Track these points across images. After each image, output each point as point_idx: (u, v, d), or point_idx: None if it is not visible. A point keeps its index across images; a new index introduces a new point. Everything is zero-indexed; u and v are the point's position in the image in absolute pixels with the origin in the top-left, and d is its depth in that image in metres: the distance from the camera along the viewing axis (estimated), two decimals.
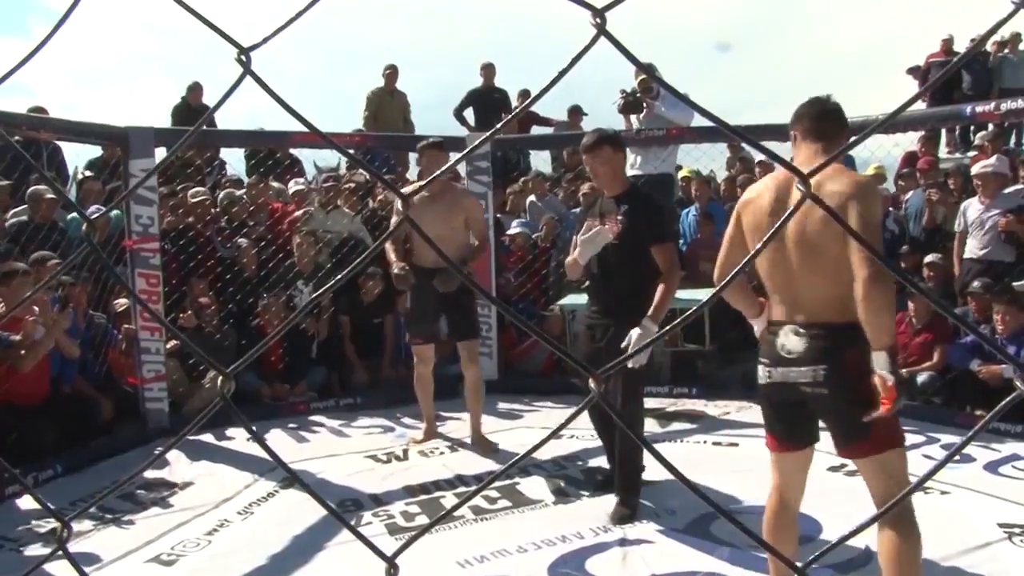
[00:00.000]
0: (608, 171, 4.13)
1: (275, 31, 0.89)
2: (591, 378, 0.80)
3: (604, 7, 0.69)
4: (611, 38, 0.69)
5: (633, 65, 0.74)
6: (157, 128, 6.31)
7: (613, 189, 4.15)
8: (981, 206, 6.55)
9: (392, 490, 4.64)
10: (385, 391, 6.90)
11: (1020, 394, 0.76)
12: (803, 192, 0.77)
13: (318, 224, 7.60)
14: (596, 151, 4.11)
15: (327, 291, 1.05)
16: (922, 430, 5.50)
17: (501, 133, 6.42)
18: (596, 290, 4.24)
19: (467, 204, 5.27)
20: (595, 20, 0.69)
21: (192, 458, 5.27)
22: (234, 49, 0.89)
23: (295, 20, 0.88)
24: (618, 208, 4.08)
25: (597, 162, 4.13)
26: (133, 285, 5.85)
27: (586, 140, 4.19)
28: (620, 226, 4.02)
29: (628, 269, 4.05)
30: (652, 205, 4.16)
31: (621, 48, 0.71)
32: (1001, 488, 4.40)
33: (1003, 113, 5.97)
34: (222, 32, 0.90)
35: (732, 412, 6.13)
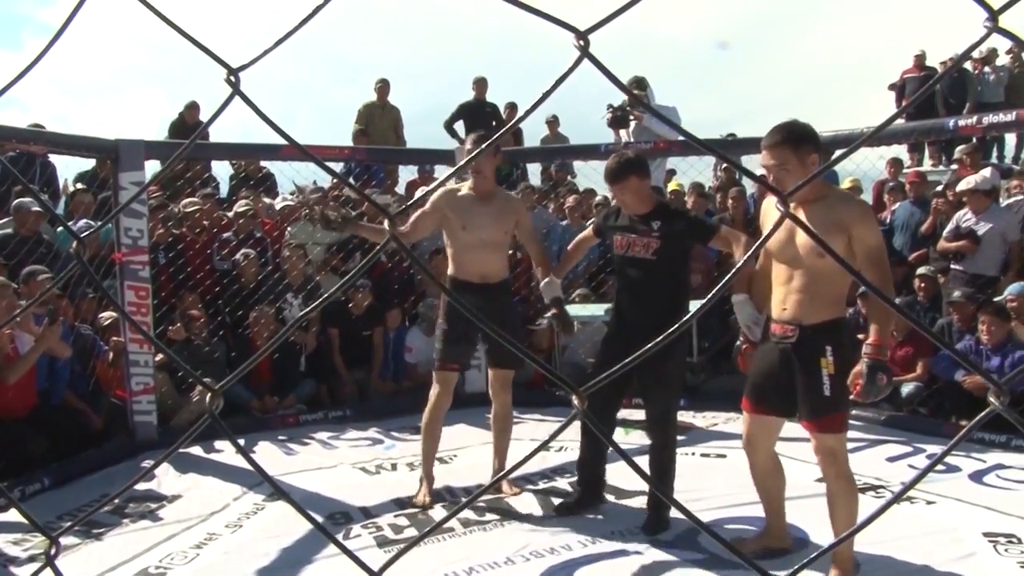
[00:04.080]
0: (635, 199, 4.05)
1: (264, 52, 0.90)
2: (575, 395, 0.81)
3: (587, 29, 0.71)
4: (594, 60, 0.70)
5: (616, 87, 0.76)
6: (147, 141, 6.32)
7: (641, 209, 4.06)
8: (971, 218, 6.63)
9: (381, 503, 4.64)
10: (374, 403, 6.91)
11: (994, 410, 0.77)
12: (782, 212, 0.80)
13: (306, 237, 7.63)
14: (624, 183, 4.00)
15: (317, 307, 1.07)
16: (909, 440, 5.55)
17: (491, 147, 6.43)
18: (630, 306, 4.13)
19: (518, 208, 4.69)
20: (578, 42, 0.71)
21: (180, 471, 5.26)
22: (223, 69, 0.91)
23: (284, 41, 0.89)
24: (650, 226, 4.02)
25: (626, 193, 4.03)
26: (122, 297, 5.85)
27: (610, 167, 4.02)
28: (656, 243, 3.99)
29: (664, 285, 4.03)
30: (683, 212, 4.19)
31: (604, 70, 0.72)
32: (986, 497, 4.44)
33: (985, 127, 6.06)
34: (211, 52, 0.91)
35: (720, 424, 6.16)
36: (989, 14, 0.73)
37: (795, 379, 3.30)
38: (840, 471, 3.30)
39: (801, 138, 3.13)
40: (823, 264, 3.10)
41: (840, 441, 3.31)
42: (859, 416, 6.03)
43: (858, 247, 3.06)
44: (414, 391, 7.15)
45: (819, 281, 3.16)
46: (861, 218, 3.12)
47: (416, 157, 8.62)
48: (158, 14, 0.94)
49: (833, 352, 3.19)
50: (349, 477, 5.21)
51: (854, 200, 3.52)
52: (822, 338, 3.20)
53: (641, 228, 4.04)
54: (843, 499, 3.31)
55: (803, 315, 3.23)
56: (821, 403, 3.23)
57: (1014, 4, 0.74)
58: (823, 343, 3.20)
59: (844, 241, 3.05)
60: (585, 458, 4.43)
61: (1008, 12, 0.73)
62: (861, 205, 3.45)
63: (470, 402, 6.66)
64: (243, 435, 6.08)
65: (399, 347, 7.31)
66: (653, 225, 4.01)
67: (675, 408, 4.26)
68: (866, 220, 3.15)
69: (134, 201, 5.79)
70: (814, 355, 3.21)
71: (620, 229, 4.13)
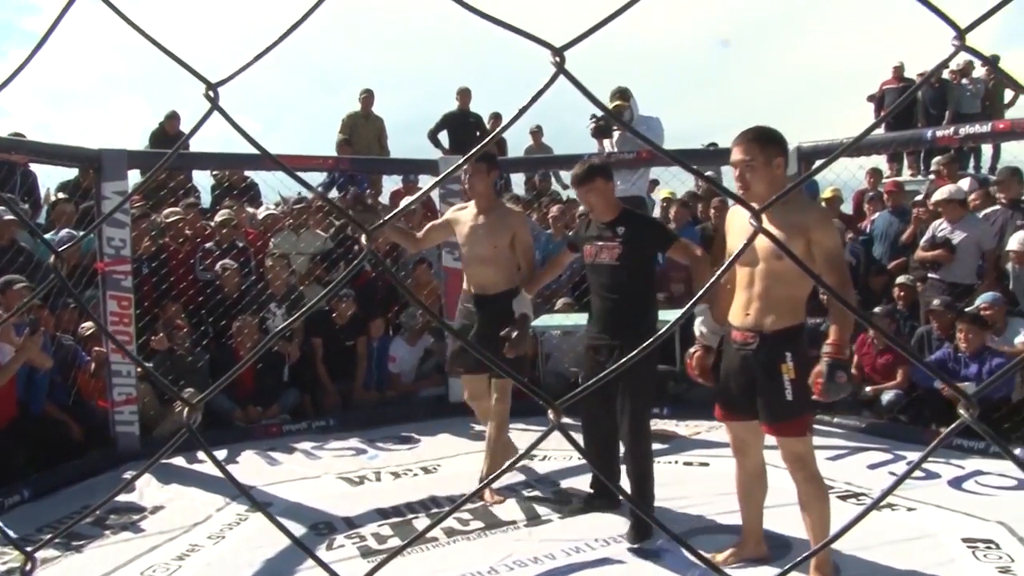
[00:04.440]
0: (602, 201, 4.20)
1: (243, 67, 0.91)
2: (550, 409, 0.81)
3: (563, 46, 0.72)
4: (570, 77, 0.72)
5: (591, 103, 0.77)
6: (130, 151, 6.31)
7: (607, 215, 4.22)
8: (947, 228, 6.71)
9: (365, 512, 4.64)
10: (357, 413, 6.90)
11: (964, 422, 0.78)
12: (755, 227, 0.83)
13: (289, 247, 7.63)
14: (590, 184, 4.16)
15: (299, 318, 1.08)
16: (890, 448, 5.60)
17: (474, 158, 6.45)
18: (600, 312, 4.25)
19: (514, 222, 4.77)
20: (555, 59, 0.72)
21: (163, 481, 5.23)
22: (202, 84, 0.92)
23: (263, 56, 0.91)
24: (614, 232, 4.15)
25: (592, 194, 4.19)
26: (105, 307, 5.82)
27: (577, 172, 4.22)
28: (620, 248, 4.10)
29: (631, 290, 4.13)
30: (647, 219, 4.27)
31: (580, 87, 0.74)
32: (965, 503, 4.49)
33: (962, 138, 6.14)
34: (189, 68, 0.93)
35: (703, 432, 6.18)
36: (957, 33, 0.75)
37: (757, 385, 3.35)
38: (809, 474, 3.35)
39: (768, 139, 3.24)
40: (782, 267, 3.17)
41: (806, 445, 3.36)
42: (841, 424, 6.09)
43: (817, 251, 3.15)
44: (398, 401, 7.17)
45: (779, 285, 3.22)
46: (819, 223, 3.22)
47: (400, 167, 8.64)
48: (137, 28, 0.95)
49: (793, 358, 3.25)
50: (332, 487, 5.20)
51: (813, 206, 3.64)
52: (782, 345, 3.26)
53: (607, 235, 4.17)
54: (815, 502, 3.35)
55: (764, 322, 3.29)
56: (783, 408, 3.28)
57: (981, 23, 0.76)
58: (783, 349, 3.26)
59: (803, 244, 3.14)
60: (595, 462, 4.44)
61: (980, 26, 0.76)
62: (820, 211, 3.57)
63: (454, 412, 6.67)
64: (226, 445, 6.06)
65: (383, 357, 7.31)
66: (618, 231, 4.14)
67: (648, 415, 4.29)
68: (824, 225, 3.25)
69: (117, 211, 5.78)
70: (775, 361, 3.27)
71: (589, 239, 4.27)
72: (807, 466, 3.34)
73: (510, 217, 4.81)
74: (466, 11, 0.73)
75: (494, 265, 4.71)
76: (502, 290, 4.67)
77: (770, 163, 3.19)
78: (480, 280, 4.78)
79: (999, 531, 4.04)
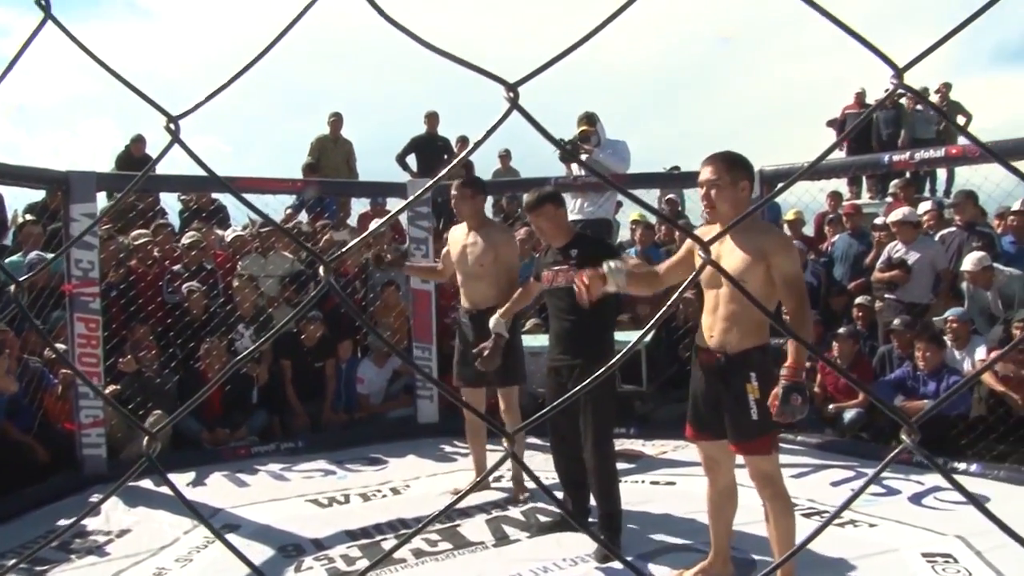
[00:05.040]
0: (552, 226, 4.35)
1: (204, 99, 0.94)
2: (504, 438, 0.84)
3: (516, 82, 0.78)
4: (523, 112, 0.78)
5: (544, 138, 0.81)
6: (99, 173, 6.30)
7: (560, 240, 4.35)
8: (902, 249, 6.89)
9: (333, 534, 4.63)
10: (326, 435, 6.89)
11: (905, 447, 0.83)
12: (704, 259, 0.85)
13: (258, 269, 7.63)
14: (539, 209, 4.32)
15: (266, 342, 1.12)
16: (852, 466, 5.69)
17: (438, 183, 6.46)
18: (559, 334, 4.35)
19: (497, 240, 5.02)
20: (508, 94, 0.78)
21: (129, 504, 5.18)
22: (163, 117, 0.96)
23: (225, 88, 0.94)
24: (568, 255, 4.26)
25: (541, 219, 4.34)
26: (72, 330, 5.80)
27: (528, 199, 4.39)
28: (574, 271, 4.15)
29: (584, 313, 4.13)
30: (600, 242, 4.37)
31: (533, 122, 0.79)
32: (925, 519, 4.58)
33: (917, 162, 6.32)
34: (150, 100, 0.96)
35: (669, 451, 6.24)
36: (894, 71, 0.82)
37: (723, 404, 3.42)
38: (776, 491, 3.42)
39: (735, 162, 3.34)
40: (747, 289, 3.24)
41: (772, 463, 3.43)
42: (804, 442, 6.19)
43: (776, 275, 3.24)
44: (366, 422, 7.17)
45: (744, 307, 3.28)
46: (780, 248, 3.30)
47: (369, 190, 8.68)
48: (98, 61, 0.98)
49: (758, 378, 3.31)
50: (301, 509, 5.19)
51: (775, 231, 3.73)
52: (747, 365, 3.33)
53: (561, 259, 4.30)
54: (781, 518, 3.41)
55: (728, 342, 3.35)
56: (749, 427, 3.35)
57: (917, 63, 0.84)
58: (748, 370, 3.32)
59: (764, 269, 3.23)
60: (565, 479, 4.50)
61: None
62: (781, 236, 3.65)
63: (423, 433, 6.70)
64: (194, 468, 6.02)
65: (351, 378, 7.32)
66: (571, 254, 4.26)
67: (611, 434, 4.37)
68: (785, 250, 3.32)
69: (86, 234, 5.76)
70: (740, 381, 3.34)
71: (547, 265, 4.39)
72: (774, 483, 3.41)
73: (495, 235, 5.05)
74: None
75: (484, 281, 4.97)
76: (491, 305, 4.86)
77: (736, 185, 3.29)
78: (472, 296, 5.04)
79: (957, 545, 4.13)
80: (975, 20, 0.84)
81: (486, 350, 4.62)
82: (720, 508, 3.68)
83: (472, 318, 5.05)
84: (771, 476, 3.41)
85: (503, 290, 4.91)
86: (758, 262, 3.22)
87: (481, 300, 4.98)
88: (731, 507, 3.69)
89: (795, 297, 3.26)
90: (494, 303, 4.87)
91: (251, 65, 0.91)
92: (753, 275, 3.22)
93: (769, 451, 3.39)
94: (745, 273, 3.22)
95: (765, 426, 3.33)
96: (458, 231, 5.17)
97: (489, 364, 4.67)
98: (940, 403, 5.09)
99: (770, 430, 3.37)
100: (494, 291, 4.94)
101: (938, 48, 0.85)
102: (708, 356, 3.44)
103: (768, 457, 3.39)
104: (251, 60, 0.91)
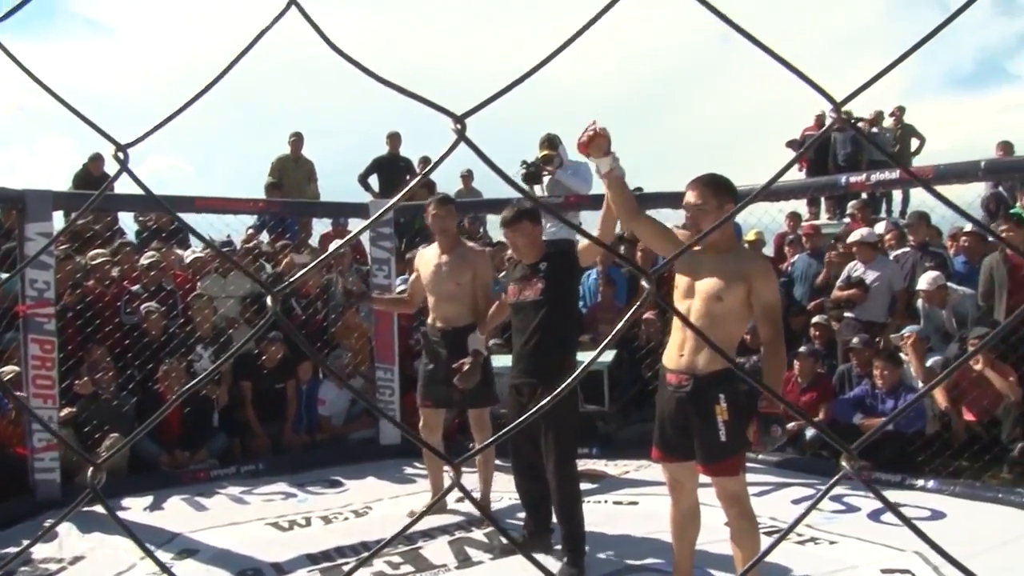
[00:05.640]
0: (528, 243, 4.36)
1: (153, 128, 0.94)
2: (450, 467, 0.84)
3: (464, 114, 0.79)
4: (470, 144, 0.79)
5: (491, 170, 0.82)
6: (55, 192, 6.21)
7: (532, 257, 4.36)
8: (860, 268, 7.02)
9: (294, 558, 4.58)
10: (287, 457, 6.83)
11: (845, 474, 0.86)
12: (648, 291, 0.86)
13: (218, 289, 7.56)
14: (516, 225, 4.32)
15: (223, 364, 1.11)
16: (812, 483, 5.75)
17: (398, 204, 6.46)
18: (522, 352, 4.36)
19: (474, 259, 5.03)
20: (456, 126, 0.78)
21: (83, 530, 5.07)
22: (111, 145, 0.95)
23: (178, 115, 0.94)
24: (536, 269, 4.29)
25: (517, 235, 4.34)
26: (26, 351, 5.69)
27: (506, 215, 4.38)
28: (543, 283, 4.22)
29: (554, 326, 4.23)
30: (566, 253, 4.38)
31: (480, 155, 0.80)
32: (883, 535, 4.63)
33: (873, 184, 6.45)
34: (99, 129, 0.95)
35: (632, 471, 6.26)
36: (833, 105, 0.85)
37: (692, 426, 3.43)
38: (742, 511, 3.45)
39: (720, 186, 3.39)
40: (720, 309, 3.29)
41: (740, 483, 3.46)
42: (765, 460, 6.23)
43: (755, 301, 3.29)
44: (328, 444, 7.11)
45: (715, 327, 3.29)
46: (762, 274, 3.36)
47: (331, 210, 8.65)
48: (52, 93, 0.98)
49: (727, 399, 3.33)
50: (261, 533, 5.13)
51: (759, 257, 3.80)
52: (715, 387, 3.34)
53: (529, 273, 4.32)
54: (747, 538, 3.44)
55: (697, 364, 3.37)
56: (718, 449, 3.37)
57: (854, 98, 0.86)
58: (716, 391, 3.34)
59: (743, 291, 3.28)
60: (527, 499, 4.49)
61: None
62: (764, 262, 3.73)
63: (384, 454, 6.65)
64: (152, 491, 5.93)
65: (312, 399, 7.26)
66: (540, 267, 4.29)
67: (573, 454, 4.37)
68: (766, 277, 3.39)
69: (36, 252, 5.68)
70: (709, 403, 3.36)
71: (514, 280, 4.41)
72: (740, 503, 3.44)
73: (471, 255, 5.04)
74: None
75: (458, 301, 4.94)
76: (467, 323, 4.89)
77: (720, 208, 3.32)
78: (445, 315, 4.99)
79: (915, 560, 4.18)
80: (910, 56, 0.86)
81: (465, 366, 4.62)
82: (684, 528, 3.69)
83: (445, 336, 4.98)
84: (738, 496, 3.45)
85: (479, 308, 4.92)
86: (738, 283, 3.27)
87: (456, 318, 4.95)
88: (695, 527, 3.70)
89: (772, 324, 3.33)
90: (470, 321, 4.89)
91: (204, 92, 0.91)
92: (731, 295, 3.27)
93: (737, 472, 3.43)
94: (723, 292, 3.27)
95: (734, 447, 3.37)
96: (429, 252, 5.13)
97: (468, 381, 4.66)
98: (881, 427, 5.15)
99: (738, 451, 3.42)
100: (470, 309, 4.93)
101: (875, 82, 0.88)
102: (676, 378, 3.45)
103: (736, 478, 3.43)
104: (205, 86, 0.91)
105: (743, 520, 3.44)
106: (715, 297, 3.28)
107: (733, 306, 3.27)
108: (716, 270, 3.31)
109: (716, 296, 3.28)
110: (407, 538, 4.61)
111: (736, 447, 3.38)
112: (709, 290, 3.31)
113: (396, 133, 10.87)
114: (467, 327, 4.86)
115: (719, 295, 3.26)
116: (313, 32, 0.81)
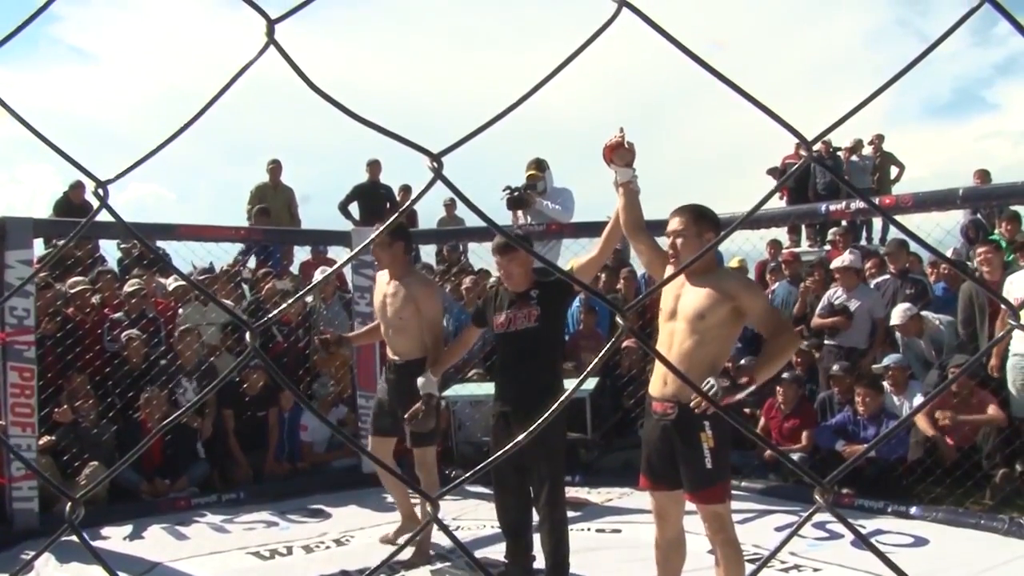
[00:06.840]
0: (521, 271, 4.25)
1: (133, 165, 0.95)
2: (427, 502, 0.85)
3: (440, 152, 0.80)
4: (447, 182, 0.80)
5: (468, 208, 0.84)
6: (36, 219, 6.19)
7: (523, 285, 4.27)
8: (843, 295, 7.07)
9: None
10: (269, 485, 6.77)
11: (819, 508, 0.86)
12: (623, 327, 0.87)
13: (199, 317, 7.53)
14: (512, 253, 4.20)
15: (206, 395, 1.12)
16: (795, 510, 5.74)
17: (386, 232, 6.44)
18: (510, 380, 4.30)
19: (417, 293, 4.75)
20: (432, 164, 0.79)
21: (62, 560, 5.00)
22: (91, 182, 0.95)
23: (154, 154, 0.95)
24: (528, 296, 4.23)
25: (514, 263, 4.23)
26: (5, 379, 5.64)
27: (499, 241, 4.27)
28: (538, 310, 4.18)
29: (546, 354, 4.20)
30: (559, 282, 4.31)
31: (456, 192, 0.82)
32: (867, 562, 4.61)
33: (853, 211, 6.52)
34: (80, 166, 0.96)
35: (615, 499, 6.25)
36: (804, 143, 0.87)
37: (678, 454, 3.44)
38: (727, 537, 3.46)
39: (701, 215, 3.47)
40: (703, 327, 3.34)
41: (725, 509, 3.48)
42: (748, 487, 6.24)
43: (749, 312, 3.39)
44: (309, 472, 7.07)
45: (700, 347, 3.35)
46: (744, 288, 3.45)
47: (313, 238, 8.65)
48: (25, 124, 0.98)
49: (712, 427, 3.34)
50: (242, 561, 5.08)
51: (738, 275, 3.90)
52: (700, 415, 3.34)
53: (520, 302, 4.24)
54: (732, 565, 3.45)
55: (681, 392, 3.38)
56: (704, 476, 3.38)
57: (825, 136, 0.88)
58: (702, 419, 3.35)
59: (727, 309, 3.34)
60: (509, 528, 4.44)
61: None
62: (743, 277, 3.85)
63: (367, 482, 6.61)
64: (132, 520, 5.86)
65: (294, 427, 7.22)
66: (531, 295, 4.24)
67: (561, 479, 4.33)
68: (748, 289, 3.51)
69: (18, 278, 5.64)
70: (694, 430, 3.37)
71: (501, 309, 4.31)
72: (725, 530, 3.46)
73: (414, 287, 4.78)
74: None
75: (404, 334, 4.77)
76: (415, 358, 4.72)
77: (700, 236, 3.39)
78: (394, 347, 4.88)
79: None
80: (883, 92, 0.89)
81: (420, 413, 4.49)
82: (668, 556, 3.70)
83: (397, 369, 4.84)
84: (724, 523, 3.47)
85: (426, 344, 4.73)
86: (721, 301, 3.32)
87: (404, 352, 4.79)
88: (679, 556, 3.70)
89: (771, 322, 3.44)
90: (419, 355, 4.72)
91: (183, 130, 0.92)
92: (714, 314, 3.32)
93: (723, 499, 3.46)
94: (706, 310, 3.33)
95: (720, 474, 3.40)
96: (382, 277, 4.98)
97: (423, 427, 4.57)
98: (858, 458, 5.24)
99: (724, 478, 3.45)
100: (417, 344, 4.74)
101: (849, 118, 0.90)
102: (661, 406, 3.47)
103: (722, 504, 3.46)
104: (184, 124, 0.92)
105: (728, 547, 3.46)
106: (698, 316, 3.34)
107: (717, 324, 3.33)
108: (697, 291, 3.39)
109: (699, 315, 3.33)
110: (389, 567, 4.57)
111: (722, 474, 3.40)
112: (692, 310, 3.36)
113: (376, 161, 10.88)
114: (416, 362, 4.69)
115: (702, 313, 3.32)
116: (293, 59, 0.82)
